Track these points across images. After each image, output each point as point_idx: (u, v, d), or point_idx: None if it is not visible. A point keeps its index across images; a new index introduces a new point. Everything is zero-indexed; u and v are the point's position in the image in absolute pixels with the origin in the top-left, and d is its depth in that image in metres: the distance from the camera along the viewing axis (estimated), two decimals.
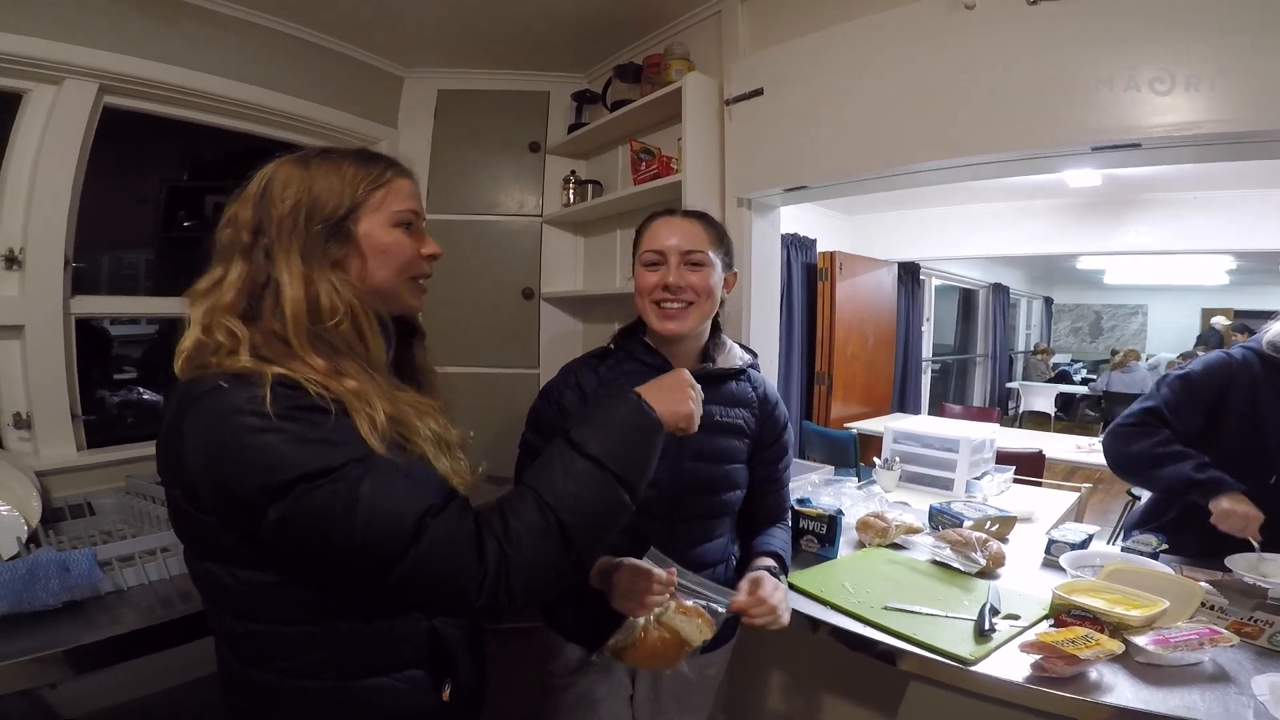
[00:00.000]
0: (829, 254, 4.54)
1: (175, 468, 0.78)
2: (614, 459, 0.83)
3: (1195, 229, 4.42)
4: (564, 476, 0.81)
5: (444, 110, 2.75)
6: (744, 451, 1.33)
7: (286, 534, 0.73)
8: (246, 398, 0.73)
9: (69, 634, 1.24)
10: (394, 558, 0.72)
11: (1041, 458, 3.46)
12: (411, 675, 0.89)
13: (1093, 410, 9.22)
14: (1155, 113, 1.40)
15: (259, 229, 0.85)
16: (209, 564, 0.81)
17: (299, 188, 0.86)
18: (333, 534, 0.72)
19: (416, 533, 0.73)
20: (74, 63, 1.85)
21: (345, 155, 0.91)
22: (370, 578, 0.74)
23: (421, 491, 0.76)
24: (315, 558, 0.75)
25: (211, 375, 0.76)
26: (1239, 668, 1.14)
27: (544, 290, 2.83)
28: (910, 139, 1.74)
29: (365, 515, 0.72)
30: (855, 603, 1.38)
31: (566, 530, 0.79)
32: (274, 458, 0.71)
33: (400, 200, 0.92)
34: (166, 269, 2.44)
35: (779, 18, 2.08)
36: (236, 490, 0.72)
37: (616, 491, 0.83)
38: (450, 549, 0.74)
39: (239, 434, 0.72)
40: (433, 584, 0.75)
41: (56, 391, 1.93)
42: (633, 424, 0.88)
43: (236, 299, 0.83)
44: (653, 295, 1.25)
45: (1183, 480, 1.60)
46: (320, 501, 0.71)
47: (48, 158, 1.87)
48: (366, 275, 0.89)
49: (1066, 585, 1.35)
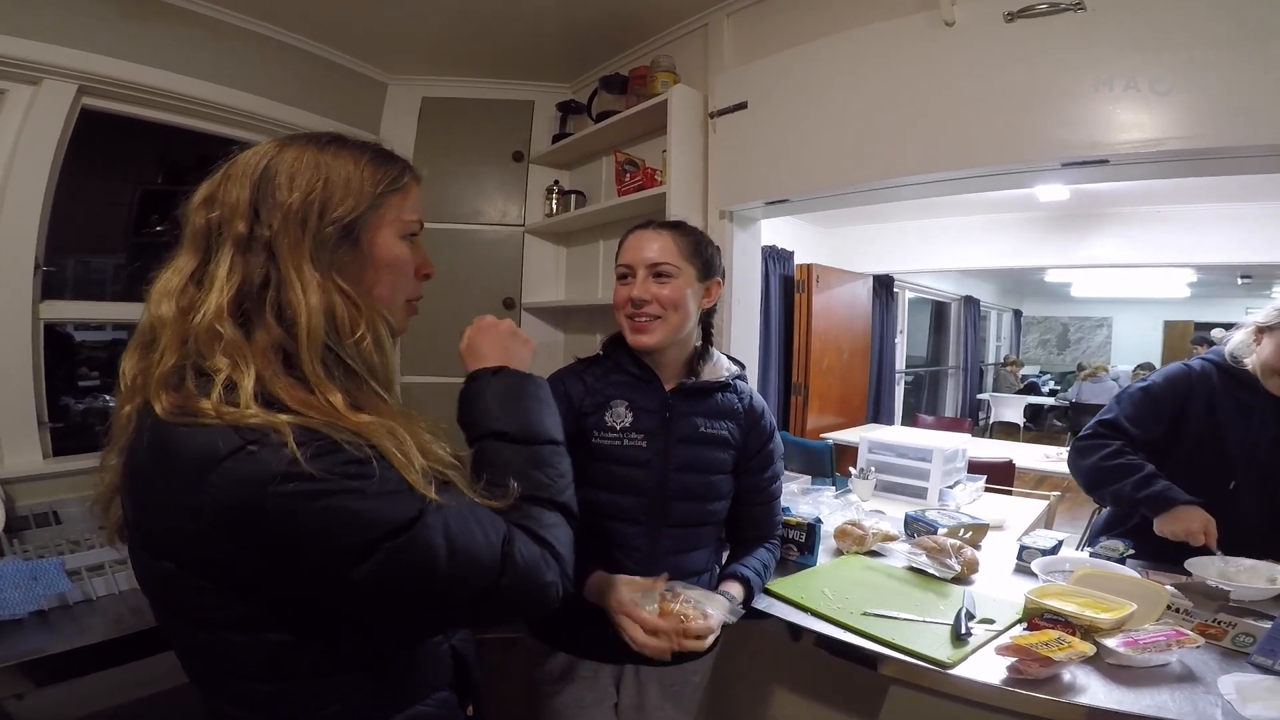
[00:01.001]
0: (806, 266, 4.59)
1: (170, 538, 0.68)
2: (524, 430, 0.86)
3: (1158, 243, 4.54)
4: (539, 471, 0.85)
5: (427, 118, 2.75)
6: (728, 462, 1.34)
7: (374, 590, 0.68)
8: (285, 461, 0.62)
9: (36, 644, 1.21)
10: (487, 592, 0.72)
11: (1011, 467, 3.53)
12: (441, 698, 0.87)
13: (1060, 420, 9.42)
14: (1122, 129, 1.46)
15: (255, 216, 0.72)
16: (214, 632, 0.71)
17: (312, 176, 0.74)
18: (429, 580, 0.69)
19: (503, 563, 0.73)
20: (53, 63, 1.82)
21: (363, 148, 0.80)
22: (463, 613, 0.76)
23: (489, 525, 0.75)
24: (406, 605, 0.72)
25: (221, 429, 0.64)
26: (1205, 668, 1.18)
27: (525, 300, 2.83)
28: (889, 153, 1.78)
29: (454, 559, 0.69)
30: (835, 609, 1.39)
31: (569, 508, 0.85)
32: (350, 521, 0.65)
33: (413, 209, 0.83)
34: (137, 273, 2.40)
35: (764, 31, 2.11)
36: (304, 558, 0.65)
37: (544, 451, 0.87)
38: (532, 571, 0.75)
39: (303, 500, 0.63)
40: (523, 603, 0.76)
41: (22, 398, 1.88)
42: (493, 390, 0.89)
43: (230, 302, 0.70)
44: (624, 309, 1.28)
45: (1125, 498, 1.65)
46: (410, 555, 0.67)
47: (22, 159, 1.83)
48: (368, 288, 0.78)
49: (1038, 590, 1.38)
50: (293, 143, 0.77)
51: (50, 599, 1.33)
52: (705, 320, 1.38)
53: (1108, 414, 1.80)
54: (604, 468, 1.27)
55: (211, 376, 0.67)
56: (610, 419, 1.28)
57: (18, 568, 1.32)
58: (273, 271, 0.71)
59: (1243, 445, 1.64)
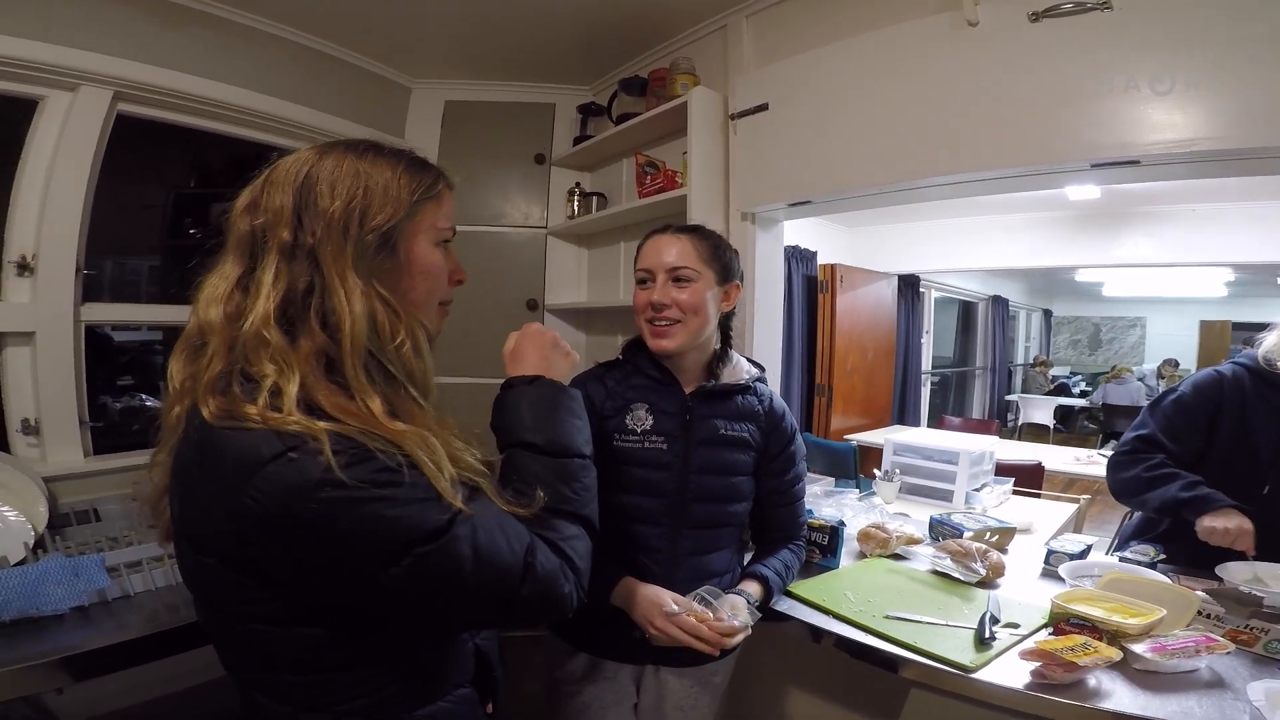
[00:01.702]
0: (829, 266, 4.57)
1: (215, 535, 0.71)
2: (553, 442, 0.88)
3: (1194, 241, 4.44)
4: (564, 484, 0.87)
5: (451, 121, 2.79)
6: (749, 464, 1.35)
7: (407, 592, 0.70)
8: (324, 466, 0.65)
9: (76, 639, 1.24)
10: (511, 599, 0.75)
11: (1040, 470, 3.47)
12: (463, 695, 0.89)
13: (1091, 423, 9.23)
14: (1154, 130, 1.43)
15: (299, 223, 0.74)
16: (250, 626, 0.74)
17: (353, 184, 0.76)
18: (455, 586, 0.72)
19: (525, 574, 0.75)
20: (90, 70, 1.87)
21: (399, 156, 0.82)
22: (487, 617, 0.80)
23: (515, 535, 0.77)
24: (436, 608, 0.75)
25: (264, 434, 0.66)
26: (1235, 674, 1.16)
27: (548, 301, 2.86)
28: (914, 154, 1.76)
29: (480, 568, 0.72)
30: (857, 611, 1.39)
31: (590, 522, 0.87)
32: (383, 527, 0.68)
33: (446, 216, 0.85)
34: (172, 276, 2.46)
35: (784, 33, 2.11)
36: (338, 560, 0.69)
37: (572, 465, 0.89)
38: (553, 580, 0.78)
39: (338, 506, 0.66)
40: (540, 611, 0.78)
41: (65, 398, 1.95)
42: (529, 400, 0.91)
43: (276, 308, 0.72)
44: (644, 314, 1.29)
45: (1171, 501, 1.62)
46: (438, 561, 0.70)
47: (62, 164, 1.89)
48: (404, 294, 0.80)
49: (1065, 594, 1.36)
50: (331, 150, 0.79)
51: (91, 595, 1.35)
52: (724, 323, 1.38)
53: (1143, 428, 1.77)
54: (625, 470, 1.28)
55: (258, 382, 0.69)
56: (631, 422, 1.29)
57: (61, 564, 1.35)
58: (317, 278, 0.73)
59: (1276, 450, 1.60)
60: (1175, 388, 1.79)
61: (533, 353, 0.97)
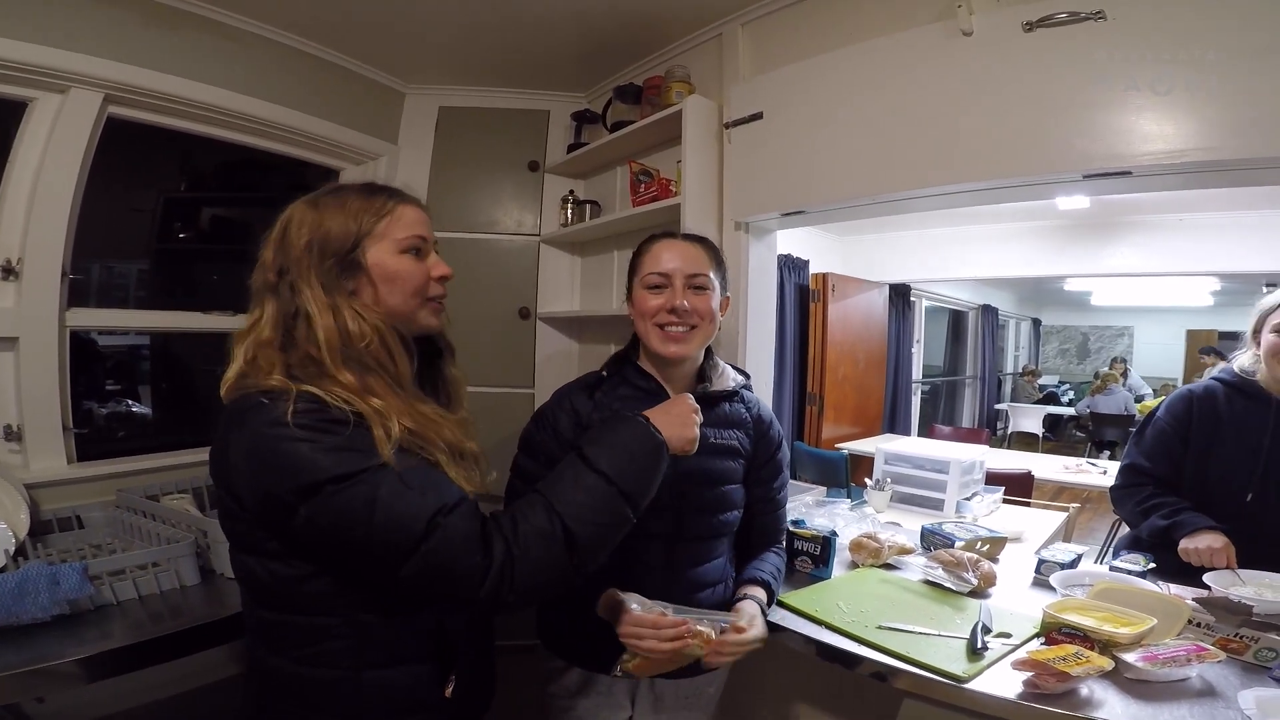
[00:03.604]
0: (821, 275, 4.59)
1: (223, 473, 0.88)
2: (621, 476, 0.93)
3: (1181, 251, 4.50)
4: (574, 487, 0.91)
5: (444, 127, 2.77)
6: (739, 472, 1.35)
7: (315, 529, 0.83)
8: (281, 411, 0.82)
9: (57, 648, 1.22)
10: (408, 551, 0.81)
11: (1030, 478, 3.49)
12: (417, 669, 0.96)
13: (1080, 431, 9.29)
14: (1145, 140, 1.44)
15: (282, 269, 0.94)
16: (245, 557, 0.91)
17: (311, 226, 0.95)
18: (354, 530, 0.81)
19: (428, 530, 0.81)
20: (81, 72, 1.85)
21: (350, 190, 0.99)
22: (386, 569, 0.83)
23: (435, 494, 0.85)
24: (340, 551, 0.85)
25: (252, 394, 0.86)
26: (1226, 683, 1.16)
27: (540, 310, 2.84)
28: (907, 164, 1.77)
29: (383, 513, 0.81)
30: (849, 622, 1.39)
31: (572, 536, 0.88)
32: (306, 463, 0.81)
33: (404, 227, 0.98)
34: (161, 281, 2.44)
35: (779, 42, 2.11)
36: (274, 491, 0.82)
37: (620, 505, 0.92)
38: (459, 544, 0.82)
39: (276, 442, 0.82)
40: (441, 576, 0.83)
41: (49, 404, 1.91)
42: (641, 446, 0.97)
43: (274, 334, 0.92)
44: (656, 318, 1.27)
45: (1157, 530, 1.69)
46: (344, 502, 0.81)
47: (50, 167, 1.86)
48: (380, 301, 0.97)
49: (1057, 604, 1.37)
50: (299, 204, 0.98)
51: (72, 603, 1.34)
52: None
53: (1128, 458, 1.86)
54: None
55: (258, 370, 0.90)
56: None
57: (41, 571, 1.32)
58: (298, 304, 0.92)
59: (1256, 458, 1.63)
60: (1154, 411, 1.86)
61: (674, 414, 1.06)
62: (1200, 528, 1.59)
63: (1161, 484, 1.76)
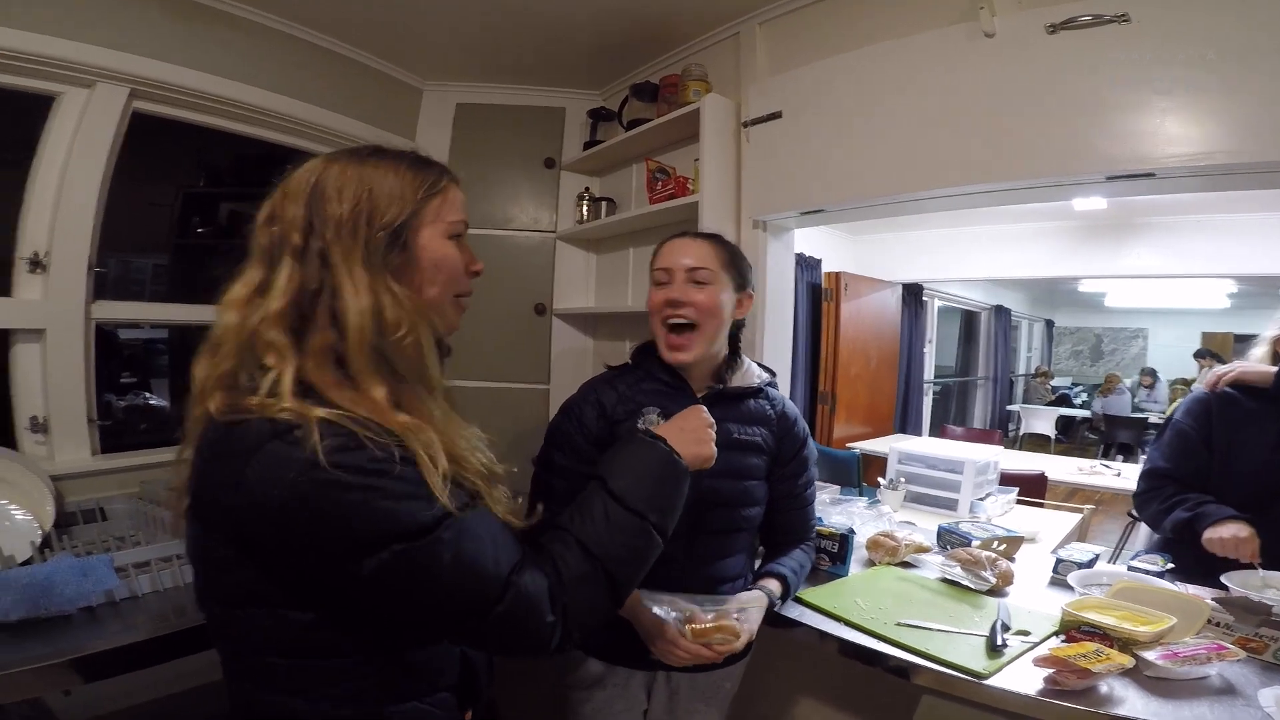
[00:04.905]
0: (834, 274, 4.58)
1: (219, 518, 0.74)
2: (654, 511, 0.88)
3: (1198, 252, 4.46)
4: (608, 527, 0.85)
5: (461, 123, 2.79)
6: (762, 468, 1.35)
7: (380, 585, 0.71)
8: (308, 453, 0.68)
9: (84, 640, 1.22)
10: (483, 612, 0.74)
11: (1044, 479, 3.48)
12: (441, 699, 0.89)
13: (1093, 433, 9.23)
14: (1170, 142, 1.43)
15: (310, 229, 0.78)
16: (243, 609, 0.76)
17: (358, 187, 0.80)
18: (429, 589, 0.73)
19: (503, 591, 0.75)
20: (107, 66, 1.87)
21: (401, 157, 0.85)
22: (458, 627, 0.77)
23: (505, 550, 0.78)
24: (407, 607, 0.75)
25: (257, 421, 0.70)
26: (1245, 681, 1.16)
27: (556, 306, 2.85)
28: (928, 164, 1.77)
29: (459, 574, 0.73)
30: (868, 619, 1.39)
31: (613, 577, 0.84)
32: (362, 517, 0.69)
33: (455, 210, 0.88)
34: (180, 275, 2.46)
35: (798, 41, 2.11)
36: (326, 547, 0.70)
37: (653, 537, 0.88)
38: (531, 605, 0.76)
39: (326, 491, 0.68)
40: (515, 634, 0.77)
41: (74, 396, 1.94)
42: (665, 472, 0.93)
43: (286, 308, 0.76)
44: (660, 313, 1.29)
45: (1180, 523, 1.66)
46: (418, 560, 0.71)
47: (77, 161, 1.88)
48: (420, 289, 0.84)
49: (1076, 602, 1.37)
50: (337, 158, 0.83)
51: (99, 595, 1.33)
52: (734, 332, 1.39)
53: (1149, 463, 1.84)
54: None
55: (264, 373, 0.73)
56: (643, 425, 1.29)
57: (70, 564, 1.32)
58: (326, 278, 0.77)
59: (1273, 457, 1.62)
60: (1172, 417, 1.84)
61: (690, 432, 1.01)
62: (1224, 518, 1.57)
63: (1183, 485, 1.74)
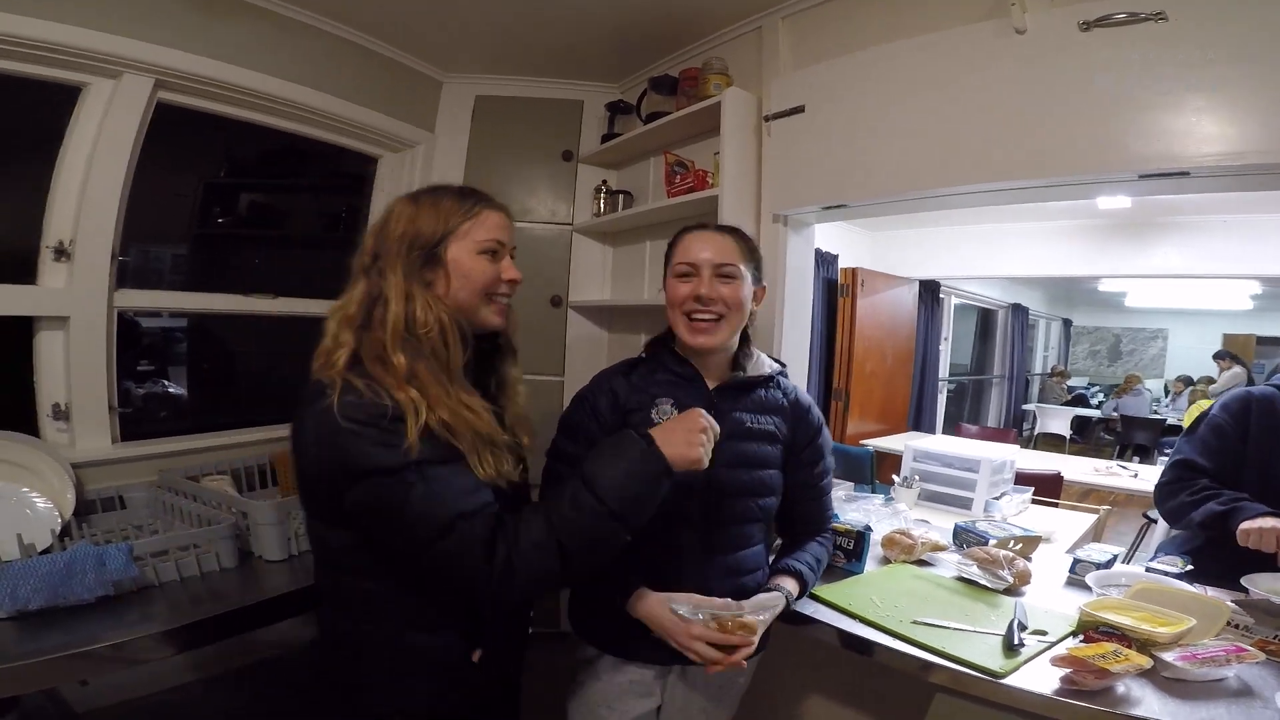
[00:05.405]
0: (851, 270, 4.55)
1: (297, 447, 1.00)
2: (618, 500, 0.98)
3: (1222, 252, 4.39)
4: (571, 505, 0.98)
5: (480, 116, 2.79)
6: (777, 457, 1.35)
7: (361, 509, 0.96)
8: (341, 404, 0.93)
9: (102, 630, 1.22)
10: (426, 546, 0.94)
11: (1059, 479, 3.45)
12: (448, 636, 1.07)
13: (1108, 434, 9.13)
14: (1205, 141, 1.41)
15: (377, 254, 1.06)
16: (314, 521, 1.07)
17: (407, 221, 1.06)
18: (390, 517, 0.95)
19: (447, 531, 0.93)
20: (133, 57, 1.88)
21: (447, 191, 1.11)
22: (410, 554, 0.96)
23: (462, 501, 0.95)
24: (378, 529, 0.98)
25: (320, 381, 0.98)
26: (1263, 683, 1.16)
27: (571, 298, 2.86)
28: (953, 161, 1.75)
29: (414, 509, 0.93)
30: (884, 616, 1.39)
31: (566, 550, 0.97)
32: (356, 453, 0.93)
33: (486, 231, 1.09)
34: (199, 264, 2.48)
35: (821, 36, 2.10)
36: (331, 471, 0.95)
37: (610, 524, 0.98)
38: (467, 548, 0.93)
39: (334, 432, 0.93)
40: (451, 572, 0.96)
41: (96, 383, 1.96)
42: (639, 469, 1.01)
43: (358, 311, 1.04)
44: (684, 306, 1.29)
45: (1212, 515, 1.63)
46: (385, 491, 0.93)
47: (102, 151, 1.90)
48: (450, 293, 1.07)
49: (1094, 603, 1.36)
50: (402, 199, 1.11)
51: (116, 584, 1.33)
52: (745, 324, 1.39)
53: (1179, 454, 1.81)
54: None
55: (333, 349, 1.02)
56: (656, 416, 1.29)
57: (88, 552, 1.32)
58: (381, 287, 1.04)
59: None
60: (1208, 410, 1.82)
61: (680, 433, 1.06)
62: (1261, 513, 1.54)
63: (1215, 480, 1.71)
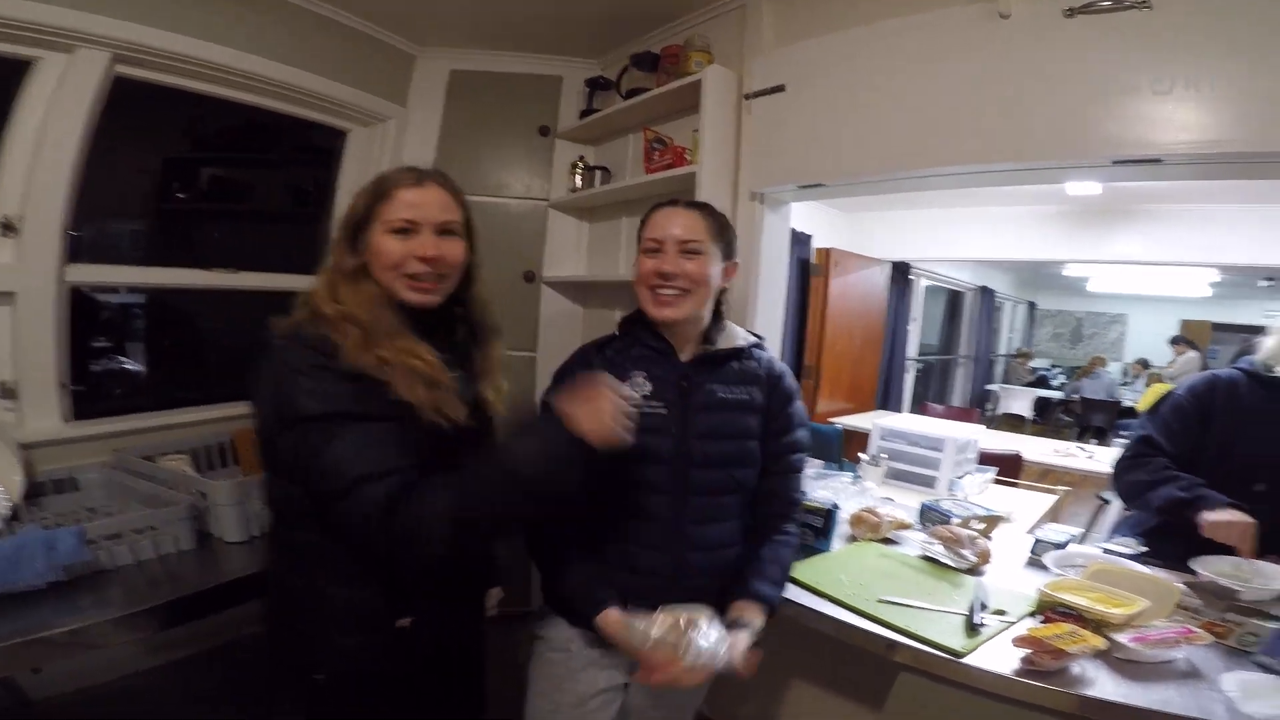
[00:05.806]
0: (825, 250, 4.57)
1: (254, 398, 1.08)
2: (525, 474, 1.00)
3: (1184, 241, 4.47)
4: (475, 476, 1.01)
5: (455, 90, 2.73)
6: (755, 427, 1.35)
7: (288, 459, 1.04)
8: (285, 349, 1.03)
9: (53, 617, 1.19)
10: (328, 502, 0.99)
11: (1019, 460, 3.53)
12: (368, 596, 1.10)
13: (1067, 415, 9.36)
14: (1181, 129, 1.44)
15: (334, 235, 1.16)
16: (264, 473, 1.14)
17: (349, 206, 1.15)
18: (305, 465, 1.00)
19: (346, 491, 0.97)
20: (88, 31, 1.80)
21: (385, 174, 1.16)
22: (324, 511, 1.01)
23: (375, 461, 0.98)
24: (300, 476, 1.03)
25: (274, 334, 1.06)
26: (1210, 665, 1.20)
27: (546, 274, 2.83)
28: (933, 143, 1.76)
29: (324, 461, 0.98)
30: (851, 595, 1.42)
31: (464, 521, 0.99)
32: (288, 399, 1.00)
33: (394, 210, 1.11)
34: (162, 240, 2.40)
35: (804, 15, 2.08)
36: (269, 416, 1.04)
37: (517, 500, 1.01)
38: (362, 510, 0.96)
39: (275, 380, 1.02)
40: (349, 531, 1.01)
41: (44, 360, 1.88)
42: (554, 445, 1.01)
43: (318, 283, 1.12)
44: (649, 281, 1.29)
45: (1172, 501, 1.66)
46: (304, 440, 0.99)
47: (54, 126, 1.83)
48: (373, 271, 1.12)
49: (1053, 583, 1.40)
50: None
51: (68, 569, 1.29)
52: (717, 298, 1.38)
53: (1142, 429, 1.83)
54: None
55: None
56: (630, 390, 1.28)
57: (36, 536, 1.27)
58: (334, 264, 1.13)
59: (1271, 449, 1.65)
60: (1172, 391, 1.84)
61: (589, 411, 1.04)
62: (1224, 504, 1.59)
63: (1173, 461, 1.74)
